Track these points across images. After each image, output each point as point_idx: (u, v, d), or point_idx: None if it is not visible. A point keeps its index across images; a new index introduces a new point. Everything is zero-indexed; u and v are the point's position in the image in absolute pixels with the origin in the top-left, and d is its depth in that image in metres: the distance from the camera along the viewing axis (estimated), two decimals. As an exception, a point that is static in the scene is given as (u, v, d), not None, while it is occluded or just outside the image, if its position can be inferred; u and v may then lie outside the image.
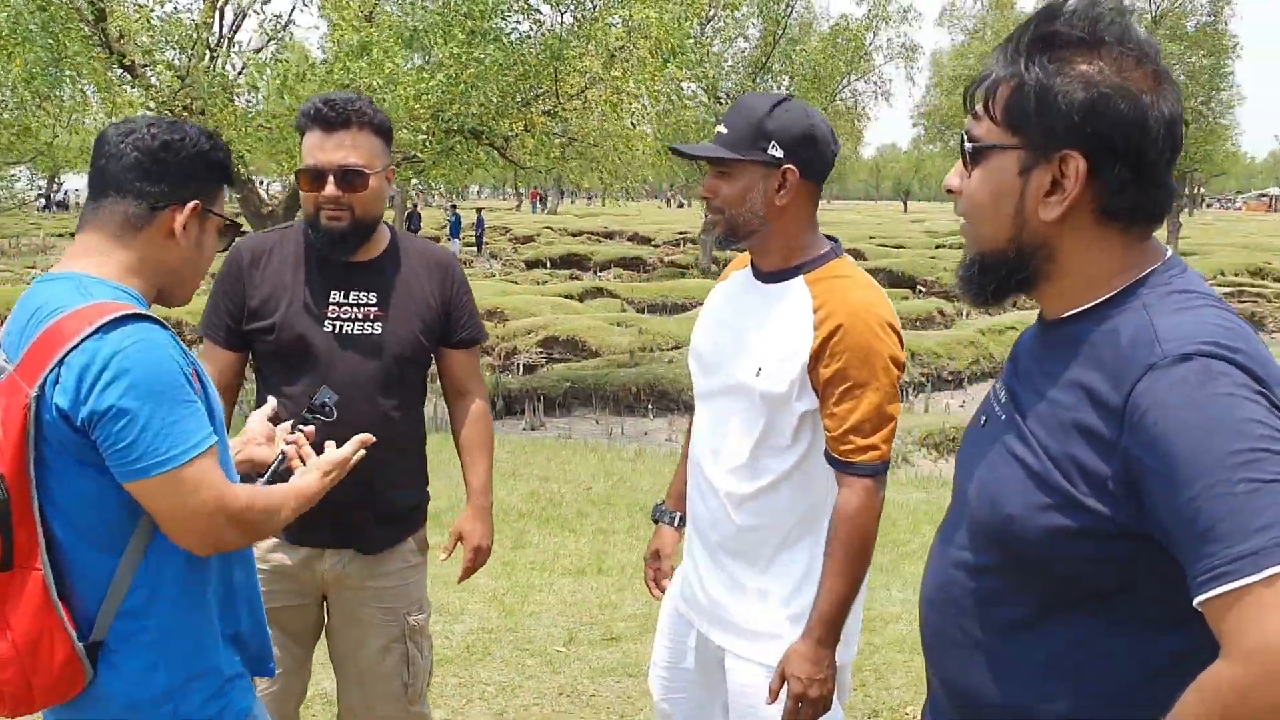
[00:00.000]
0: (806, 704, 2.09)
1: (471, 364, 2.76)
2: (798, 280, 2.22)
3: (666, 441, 10.51)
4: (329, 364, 2.48)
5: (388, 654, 2.64)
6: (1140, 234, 1.33)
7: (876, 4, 24.81)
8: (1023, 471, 1.30)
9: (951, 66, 40.80)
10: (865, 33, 24.46)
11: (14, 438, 1.61)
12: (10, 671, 1.65)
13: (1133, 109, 1.26)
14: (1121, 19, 1.30)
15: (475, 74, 9.42)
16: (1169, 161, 1.31)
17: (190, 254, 1.84)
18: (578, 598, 5.12)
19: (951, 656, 1.44)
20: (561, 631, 4.66)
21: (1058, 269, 1.34)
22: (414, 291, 2.59)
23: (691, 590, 2.40)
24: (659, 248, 32.89)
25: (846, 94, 27.44)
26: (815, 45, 25.32)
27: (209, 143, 1.85)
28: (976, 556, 1.40)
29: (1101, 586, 1.27)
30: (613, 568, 5.63)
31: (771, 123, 2.14)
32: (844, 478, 2.15)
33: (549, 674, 4.22)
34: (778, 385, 2.16)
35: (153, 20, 9.54)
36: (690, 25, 10.79)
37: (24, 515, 1.63)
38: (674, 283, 21.54)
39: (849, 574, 2.11)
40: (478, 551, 2.73)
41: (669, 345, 14.49)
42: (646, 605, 5.02)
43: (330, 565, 2.57)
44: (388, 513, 2.60)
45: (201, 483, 1.66)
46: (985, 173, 1.35)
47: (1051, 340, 1.37)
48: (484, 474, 2.74)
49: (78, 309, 1.66)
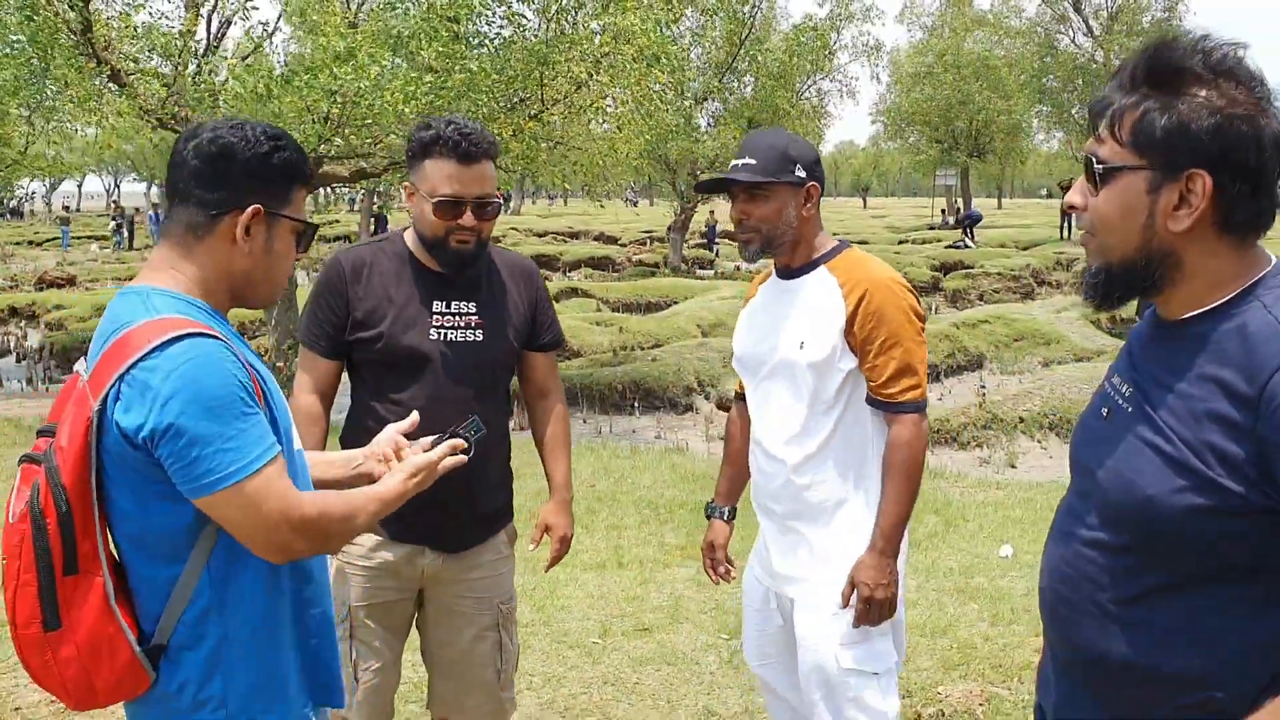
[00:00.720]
0: (874, 606, 2.50)
1: (552, 367, 2.91)
2: (820, 269, 2.65)
3: (656, 439, 10.66)
4: (437, 371, 2.63)
5: (481, 642, 2.79)
6: (1252, 242, 1.50)
7: (840, 2, 25.08)
8: (1159, 458, 1.47)
9: (910, 64, 41.31)
10: (830, 32, 24.71)
11: (77, 449, 1.68)
12: (73, 670, 1.72)
13: (1252, 131, 1.42)
14: (1234, 51, 1.47)
15: (464, 80, 9.53)
16: (1277, 175, 1.48)
17: (258, 258, 1.83)
18: (603, 591, 5.28)
19: (1085, 625, 1.60)
20: (594, 624, 4.80)
21: (1182, 275, 1.50)
22: (507, 299, 2.75)
23: (766, 560, 2.75)
24: (626, 247, 33.05)
25: (812, 92, 27.73)
26: (779, 44, 25.58)
27: (270, 144, 1.82)
28: (1112, 536, 1.56)
29: (1233, 561, 1.43)
30: (632, 562, 5.79)
31: (793, 149, 2.61)
32: (894, 417, 2.56)
33: (590, 664, 4.37)
34: (821, 352, 2.56)
35: (136, 29, 9.56)
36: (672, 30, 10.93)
37: (87, 524, 1.69)
38: (648, 281, 21.72)
39: (907, 495, 2.54)
40: (564, 541, 2.89)
41: (649, 344, 14.65)
42: (671, 598, 5.19)
43: (430, 561, 2.71)
44: (484, 511, 2.75)
45: (268, 494, 1.69)
46: (1114, 191, 1.51)
47: (1175, 338, 1.54)
48: (565, 470, 2.90)
49: (140, 325, 1.70)
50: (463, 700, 2.83)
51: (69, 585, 1.69)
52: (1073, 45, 31.64)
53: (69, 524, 1.68)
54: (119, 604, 1.73)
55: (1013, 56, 36.45)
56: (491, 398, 2.73)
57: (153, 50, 9.44)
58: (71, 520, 1.68)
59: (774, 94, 24.06)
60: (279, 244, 1.86)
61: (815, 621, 2.59)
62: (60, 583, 1.69)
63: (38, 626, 1.70)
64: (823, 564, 2.60)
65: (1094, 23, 30.80)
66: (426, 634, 2.84)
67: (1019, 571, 5.59)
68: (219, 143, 1.79)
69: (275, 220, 1.84)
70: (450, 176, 2.57)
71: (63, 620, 1.70)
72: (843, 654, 2.54)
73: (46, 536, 1.67)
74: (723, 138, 21.79)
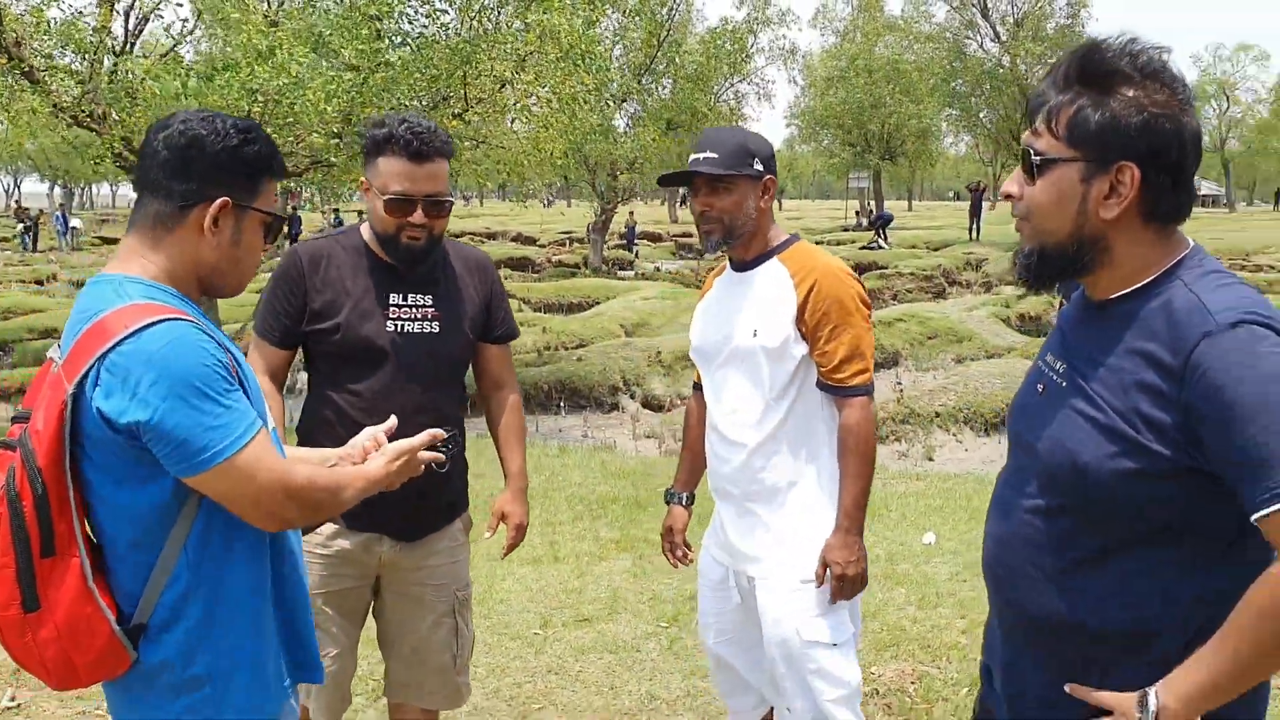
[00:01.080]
0: (847, 582, 2.63)
1: (506, 358, 2.97)
2: (772, 260, 2.76)
3: (583, 438, 10.73)
4: (393, 362, 2.67)
5: (438, 629, 2.84)
6: (1173, 228, 1.65)
7: (756, 7, 25.41)
8: (1093, 427, 1.60)
9: (823, 68, 41.97)
10: (747, 35, 25.04)
11: (52, 433, 1.70)
12: (52, 650, 1.74)
13: (1175, 128, 1.56)
14: (1159, 53, 1.61)
15: (386, 77, 9.50)
16: (1194, 169, 1.63)
17: (226, 250, 1.86)
18: (541, 585, 5.34)
19: (1024, 586, 1.73)
20: (534, 616, 4.87)
21: (1110, 258, 1.64)
22: (462, 292, 2.80)
23: (724, 540, 2.85)
24: (545, 248, 33.03)
25: (729, 95, 28.04)
26: (697, 47, 25.83)
27: (240, 137, 1.83)
28: (1050, 502, 1.69)
29: (1161, 524, 1.57)
30: (568, 556, 5.86)
31: (752, 144, 2.71)
32: (843, 400, 2.67)
33: (533, 655, 4.43)
34: (774, 340, 2.67)
35: (49, 25, 9.33)
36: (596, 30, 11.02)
37: (62, 506, 1.72)
38: (570, 282, 21.76)
39: (864, 474, 2.66)
40: (519, 529, 2.95)
41: (574, 344, 14.70)
42: (608, 589, 5.27)
43: (387, 549, 2.76)
44: (439, 499, 2.80)
45: (259, 466, 1.74)
46: (1050, 181, 1.64)
47: (1104, 317, 1.67)
48: (521, 459, 2.97)
49: (115, 310, 1.72)
50: (420, 685, 2.88)
51: (46, 567, 1.72)
52: (981, 50, 32.48)
53: (45, 506, 1.70)
54: (97, 584, 1.76)
55: (923, 61, 37.28)
56: (447, 389, 2.79)
57: (66, 46, 9.23)
58: (48, 502, 1.70)
59: (692, 96, 24.29)
60: (247, 236, 1.88)
61: (776, 598, 2.70)
62: (38, 564, 1.71)
63: (17, 608, 1.72)
64: (779, 543, 2.71)
65: (1001, 29, 31.65)
66: (384, 621, 2.88)
67: (942, 558, 5.79)
68: (189, 134, 1.81)
69: (243, 213, 1.86)
70: (401, 174, 2.61)
71: (41, 601, 1.72)
72: (804, 628, 2.65)
73: (23, 519, 1.69)
74: (641, 139, 21.91)
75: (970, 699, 3.96)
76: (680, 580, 5.40)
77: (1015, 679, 1.79)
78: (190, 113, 1.85)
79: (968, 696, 3.99)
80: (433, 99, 10.48)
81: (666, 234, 38.98)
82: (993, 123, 32.54)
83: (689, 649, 4.48)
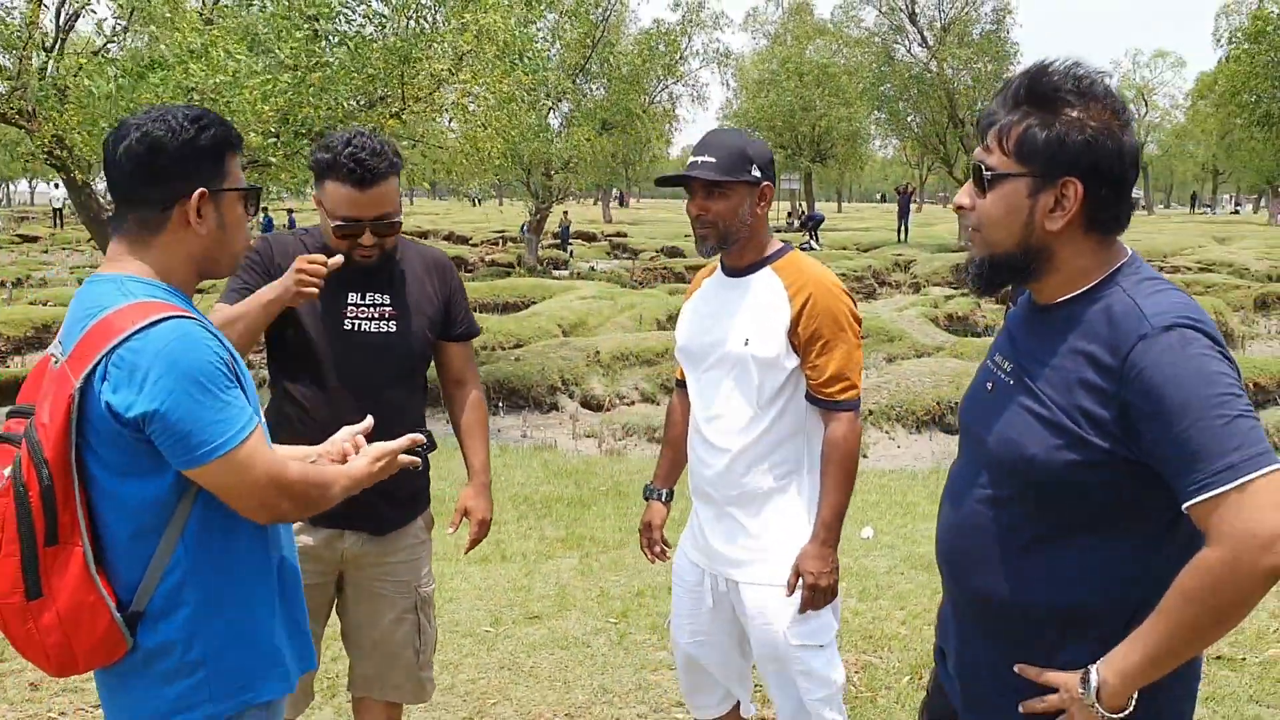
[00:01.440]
0: (819, 593, 2.66)
1: (468, 356, 3.03)
2: (766, 270, 2.76)
3: (523, 438, 10.78)
4: (351, 359, 2.72)
5: (401, 624, 2.89)
6: (1112, 238, 1.77)
7: (690, 9, 25.60)
8: (1038, 422, 1.72)
9: (755, 70, 42.37)
10: (681, 37, 25.21)
11: (59, 426, 1.76)
12: (54, 637, 1.80)
13: (1115, 146, 1.69)
14: (1101, 78, 1.73)
15: (323, 77, 9.44)
16: (1133, 183, 1.75)
17: (214, 235, 1.92)
18: (489, 583, 5.39)
19: (975, 570, 1.85)
20: (484, 614, 4.92)
21: (1054, 265, 1.76)
22: (420, 291, 2.85)
23: (703, 542, 2.86)
24: (478, 247, 32.88)
25: (663, 96, 28.21)
26: (630, 48, 25.95)
27: (194, 127, 1.88)
28: (998, 491, 1.80)
29: (1102, 509, 1.70)
30: (514, 555, 5.92)
31: (751, 150, 2.70)
32: (831, 414, 2.70)
33: (485, 651, 4.49)
34: (767, 350, 2.68)
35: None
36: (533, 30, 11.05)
37: (67, 496, 1.78)
38: (505, 281, 21.72)
39: (844, 488, 2.69)
40: (483, 524, 3.01)
41: (511, 344, 14.71)
42: (556, 587, 5.34)
43: (349, 545, 2.80)
44: (401, 495, 2.84)
45: (255, 461, 1.82)
46: (1000, 194, 1.76)
47: (1048, 320, 1.79)
48: (484, 454, 3.03)
49: (120, 308, 1.79)
50: (384, 680, 2.93)
51: (50, 555, 1.78)
52: (909, 55, 33.01)
53: (51, 496, 1.76)
54: (98, 573, 1.82)
55: (852, 65, 37.81)
56: (406, 386, 2.83)
57: (-10, 42, 9.05)
58: (53, 492, 1.76)
59: (626, 97, 24.39)
60: (229, 215, 1.95)
61: (762, 603, 2.73)
62: (42, 553, 1.77)
63: (20, 595, 1.78)
64: (763, 549, 2.74)
65: (928, 34, 32.20)
66: (347, 617, 2.93)
67: (880, 551, 5.96)
68: (147, 140, 1.85)
69: (219, 195, 1.92)
70: (348, 200, 2.63)
71: (44, 589, 1.79)
72: (790, 631, 2.69)
73: (29, 508, 1.76)
74: (575, 139, 21.96)
75: (912, 688, 4.11)
76: (627, 577, 5.50)
77: (968, 658, 1.91)
78: (139, 117, 1.90)
79: (909, 685, 4.13)
80: (369, 98, 10.44)
81: (600, 234, 39.03)
82: (920, 126, 33.08)
83: (638, 644, 4.57)
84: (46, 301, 18.25)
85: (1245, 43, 23.64)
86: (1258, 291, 20.50)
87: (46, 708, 3.88)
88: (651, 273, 25.94)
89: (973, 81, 30.93)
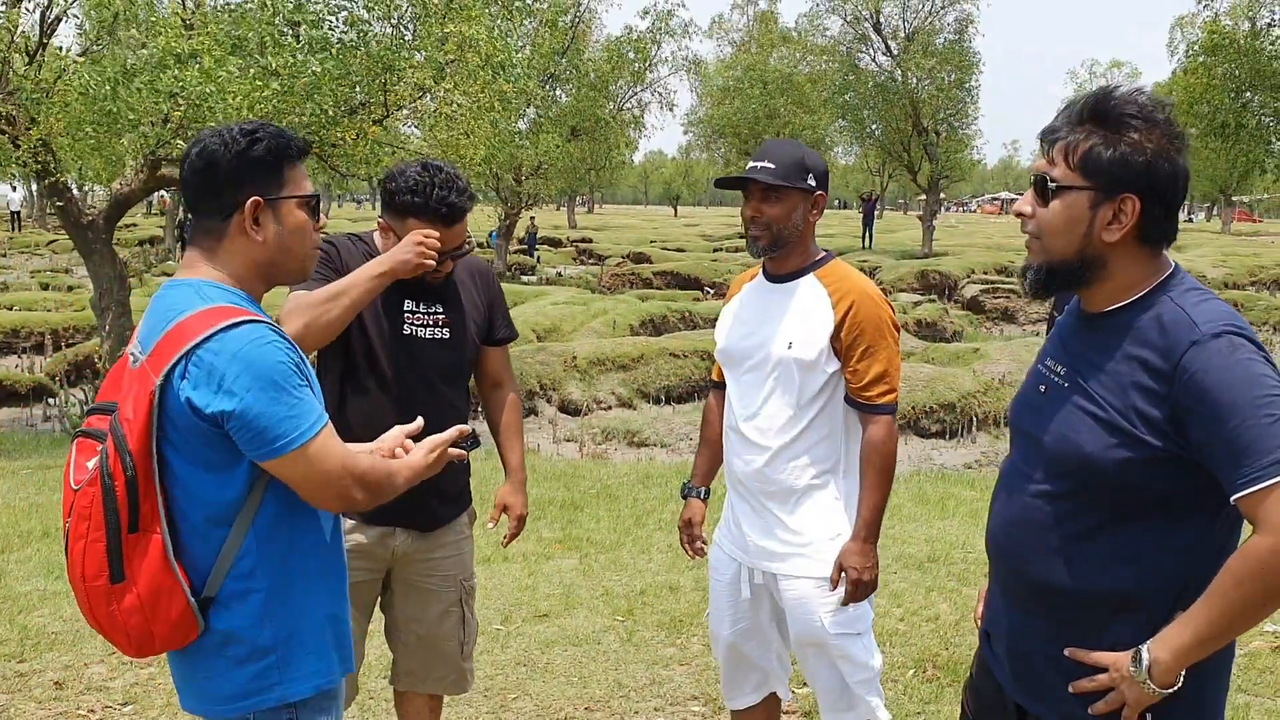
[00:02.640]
0: (861, 586, 2.82)
1: (505, 359, 3.16)
2: (809, 277, 2.91)
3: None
4: (407, 364, 2.85)
5: (447, 618, 3.01)
6: (1160, 251, 1.93)
7: (659, 18, 25.79)
8: (1095, 422, 1.87)
9: (719, 77, 42.62)
10: (650, 45, 25.39)
11: (142, 420, 1.89)
12: (136, 619, 1.93)
13: (1171, 167, 1.85)
14: (1159, 102, 1.89)
15: (309, 84, 9.48)
16: (1183, 201, 1.91)
17: (274, 242, 2.03)
18: (495, 583, 5.49)
19: (1030, 558, 2.00)
20: (494, 613, 5.03)
21: (1106, 275, 1.92)
22: (469, 298, 2.98)
23: (740, 538, 3.01)
24: (446, 253, 32.77)
25: (632, 103, 28.37)
26: (600, 55, 26.09)
27: (247, 139, 2.00)
28: (1055, 486, 1.95)
29: (1152, 499, 1.85)
30: (515, 556, 6.01)
31: (808, 160, 2.86)
32: (870, 417, 2.84)
33: (499, 649, 4.60)
34: (809, 353, 2.82)
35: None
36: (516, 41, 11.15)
37: (148, 487, 1.91)
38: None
39: (884, 487, 2.85)
40: (520, 520, 3.15)
41: (487, 349, 14.75)
42: (561, 586, 5.46)
43: (400, 542, 2.92)
44: (450, 491, 2.97)
45: (327, 453, 1.95)
46: (1063, 205, 1.91)
47: (1099, 327, 1.95)
48: (520, 454, 3.16)
49: (198, 311, 1.92)
50: (427, 673, 3.05)
51: (132, 542, 1.91)
52: (873, 64, 33.38)
53: (134, 486, 1.89)
54: (175, 559, 1.94)
55: (816, 73, 38.15)
56: (455, 389, 2.96)
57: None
58: (136, 483, 1.89)
59: (595, 103, 24.53)
60: (289, 222, 2.05)
61: (802, 594, 2.88)
62: (125, 539, 1.90)
63: (105, 579, 1.91)
64: (801, 544, 2.89)
65: (893, 43, 32.60)
66: (393, 612, 3.04)
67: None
68: (204, 155, 1.99)
69: (277, 204, 2.03)
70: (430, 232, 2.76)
71: (126, 573, 1.91)
72: (829, 620, 2.85)
73: (115, 498, 1.88)
74: (546, 145, 22.04)
75: (918, 680, 4.27)
76: (628, 576, 5.63)
77: (1020, 640, 2.05)
78: (203, 133, 2.04)
79: (915, 678, 4.29)
80: (350, 106, 10.48)
81: (566, 239, 39.14)
82: (883, 134, 33.45)
83: (647, 640, 4.70)
84: (12, 306, 18.07)
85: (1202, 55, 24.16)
86: (1215, 298, 20.93)
87: (75, 705, 3.94)
88: (619, 278, 26.08)
89: (936, 90, 31.36)
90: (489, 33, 10.32)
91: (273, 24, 9.44)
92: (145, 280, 19.84)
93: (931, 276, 24.73)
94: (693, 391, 13.57)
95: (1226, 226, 48.52)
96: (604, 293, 22.91)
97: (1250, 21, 24.12)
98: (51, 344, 15.51)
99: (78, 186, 10.40)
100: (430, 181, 2.75)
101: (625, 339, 15.17)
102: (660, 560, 5.95)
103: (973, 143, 33.02)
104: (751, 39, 44.22)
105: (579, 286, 23.91)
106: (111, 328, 10.28)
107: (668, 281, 25.54)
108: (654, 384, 13.45)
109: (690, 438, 11.12)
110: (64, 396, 11.95)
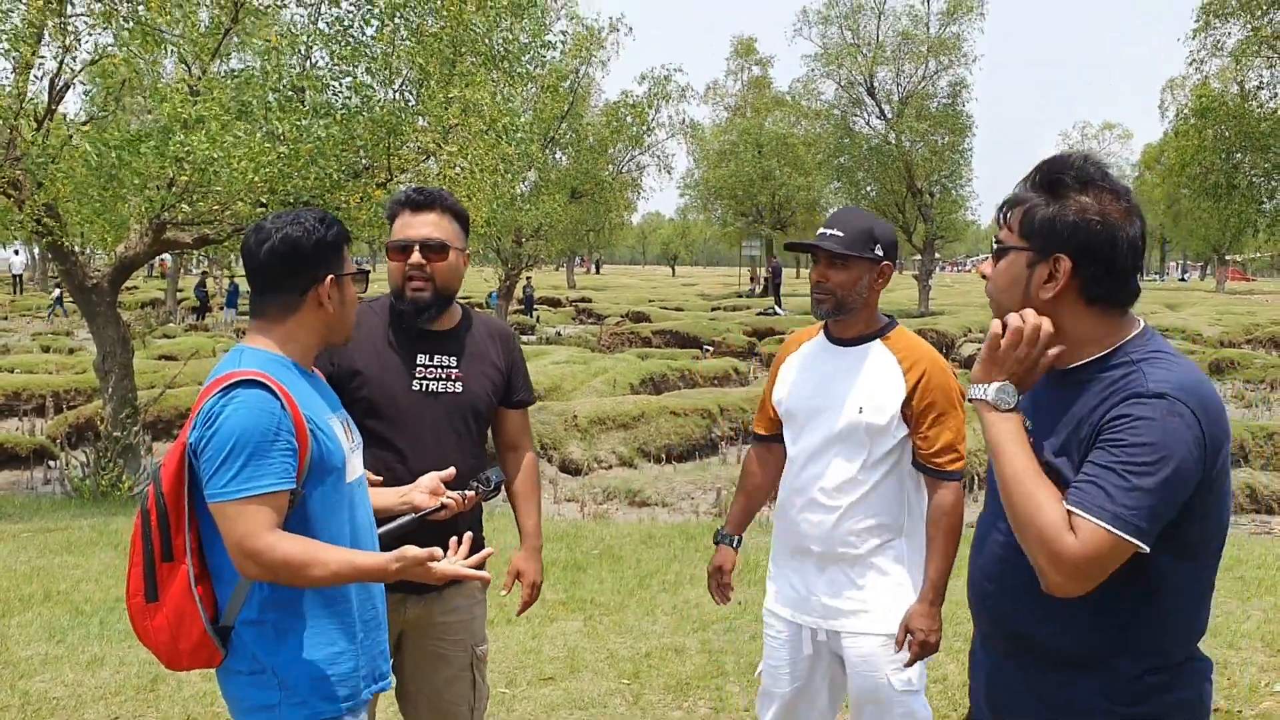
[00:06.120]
0: (927, 648, 2.88)
1: (524, 422, 3.18)
2: (876, 343, 3.01)
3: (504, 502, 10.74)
4: (419, 417, 2.87)
5: (457, 682, 3.01)
6: (1118, 311, 1.96)
7: (657, 83, 26.18)
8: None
9: (715, 141, 43.18)
10: (649, 109, 25.75)
11: (174, 464, 2.20)
12: (164, 636, 2.21)
13: (1105, 230, 1.90)
14: (1100, 168, 1.95)
15: (313, 148, 9.61)
16: (1134, 266, 1.95)
17: (337, 312, 2.37)
18: (499, 646, 5.46)
19: (1008, 611, 2.03)
20: (499, 676, 4.99)
21: (1060, 334, 1.96)
22: (485, 356, 3.02)
23: (800, 598, 3.07)
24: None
25: (631, 166, 28.70)
26: (599, 119, 26.43)
27: (324, 228, 2.31)
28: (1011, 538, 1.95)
29: None
30: (520, 617, 5.95)
31: (877, 230, 2.94)
32: (939, 483, 2.92)
33: (505, 713, 4.57)
34: (880, 418, 2.91)
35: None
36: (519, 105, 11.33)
37: (179, 522, 2.20)
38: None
39: (949, 552, 2.90)
40: (534, 587, 3.14)
41: (487, 410, 14.75)
42: (565, 649, 5.43)
43: (411, 607, 2.92)
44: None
45: (237, 519, 2.11)
46: (1005, 265, 2.00)
47: (1063, 384, 1.99)
48: (536, 519, 3.17)
49: (225, 374, 2.21)
50: (438, 736, 3.03)
51: (165, 569, 2.20)
52: (867, 127, 33.82)
53: (165, 521, 2.19)
54: (200, 587, 2.21)
55: (811, 136, 38.67)
56: (469, 444, 2.99)
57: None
58: (167, 519, 2.19)
59: (595, 165, 24.80)
60: (347, 294, 2.39)
61: (867, 651, 2.96)
62: (160, 566, 2.20)
63: (141, 598, 2.21)
64: (864, 601, 2.97)
65: (887, 107, 33.05)
66: (404, 676, 3.03)
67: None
68: (289, 241, 2.27)
69: (342, 279, 2.37)
70: (402, 224, 2.93)
71: (159, 595, 2.20)
72: (893, 677, 2.94)
73: (150, 530, 2.19)
74: (545, 207, 22.24)
75: None
76: (633, 639, 5.60)
77: (995, 685, 2.10)
78: (276, 221, 2.30)
79: None
80: (355, 169, 10.61)
81: (565, 299, 39.34)
82: (878, 195, 33.81)
83: (653, 704, 4.67)
84: (14, 369, 18.11)
85: (1193, 118, 24.51)
86: (1211, 356, 21.06)
87: None
88: (618, 337, 26.19)
89: (930, 153, 31.74)
90: (492, 97, 10.47)
91: (278, 89, 9.58)
92: (147, 343, 19.91)
93: (929, 335, 24.83)
94: (694, 450, 13.57)
95: (1221, 285, 48.84)
96: (603, 351, 22.98)
97: (1239, 85, 24.50)
98: (53, 406, 15.53)
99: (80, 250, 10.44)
100: (411, 188, 2.93)
101: (626, 397, 15.19)
102: (665, 622, 5.92)
103: (967, 203, 33.42)
104: (746, 103, 44.86)
105: (579, 345, 23.99)
106: (114, 390, 10.30)
107: (667, 340, 25.64)
108: (655, 443, 13.45)
109: (691, 497, 11.12)
110: (65, 459, 11.92)
